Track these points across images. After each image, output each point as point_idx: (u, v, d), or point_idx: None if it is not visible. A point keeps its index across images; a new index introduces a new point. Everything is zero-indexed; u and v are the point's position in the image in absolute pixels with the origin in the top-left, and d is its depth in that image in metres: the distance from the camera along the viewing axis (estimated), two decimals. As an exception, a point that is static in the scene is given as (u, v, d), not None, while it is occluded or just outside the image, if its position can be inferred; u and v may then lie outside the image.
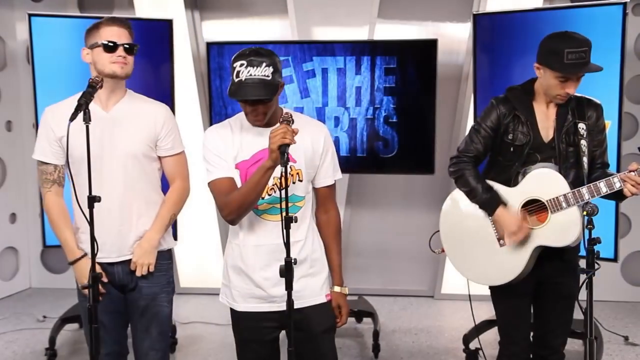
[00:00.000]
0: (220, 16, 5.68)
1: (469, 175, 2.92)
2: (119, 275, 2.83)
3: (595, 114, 2.88)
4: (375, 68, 4.53)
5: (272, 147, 2.37)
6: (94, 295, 2.49)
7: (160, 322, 2.88)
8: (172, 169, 2.92)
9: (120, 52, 2.73)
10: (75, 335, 4.80)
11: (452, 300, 5.54)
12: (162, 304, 2.87)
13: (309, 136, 2.62)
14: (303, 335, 2.62)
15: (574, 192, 2.72)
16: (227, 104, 4.72)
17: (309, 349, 2.65)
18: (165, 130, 2.85)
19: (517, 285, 2.87)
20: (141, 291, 2.84)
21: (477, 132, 2.95)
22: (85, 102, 2.44)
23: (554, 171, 2.81)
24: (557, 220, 2.76)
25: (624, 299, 5.46)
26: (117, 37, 2.74)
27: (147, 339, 2.86)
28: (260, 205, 2.61)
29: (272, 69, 2.45)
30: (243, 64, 2.45)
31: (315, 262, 2.70)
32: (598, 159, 2.92)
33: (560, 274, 2.90)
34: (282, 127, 2.39)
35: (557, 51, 2.69)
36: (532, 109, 2.87)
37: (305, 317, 2.63)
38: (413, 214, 5.66)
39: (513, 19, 4.33)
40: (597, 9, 4.03)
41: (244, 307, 2.69)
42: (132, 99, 2.87)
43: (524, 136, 2.85)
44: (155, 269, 2.84)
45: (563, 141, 2.84)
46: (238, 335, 2.75)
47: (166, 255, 2.93)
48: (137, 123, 2.80)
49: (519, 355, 2.97)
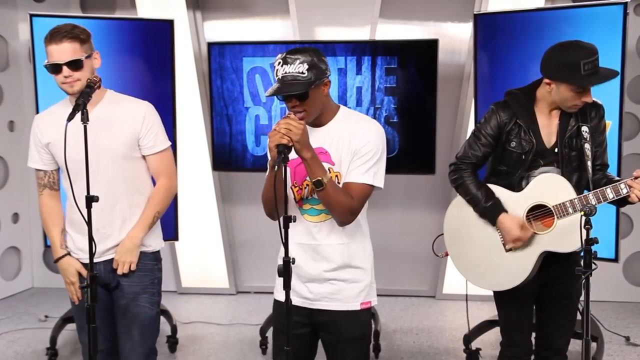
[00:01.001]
0: (222, 16, 5.68)
1: (470, 182, 2.91)
2: (101, 274, 2.81)
3: (597, 114, 2.87)
4: (376, 68, 4.53)
5: (271, 146, 2.37)
6: (92, 295, 2.50)
7: (141, 324, 2.85)
8: (156, 167, 2.89)
9: (65, 72, 2.67)
10: (76, 335, 4.78)
11: (454, 300, 5.54)
12: (144, 305, 2.86)
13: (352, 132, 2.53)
14: (331, 339, 2.62)
15: (581, 198, 2.71)
16: (228, 104, 4.72)
17: (335, 354, 2.65)
18: (145, 129, 2.81)
19: (521, 289, 2.86)
20: (122, 290, 2.85)
21: (477, 138, 2.93)
22: (83, 102, 2.45)
23: (560, 176, 2.79)
24: (563, 225, 2.75)
25: (625, 300, 5.46)
26: (57, 56, 2.66)
27: (129, 341, 2.85)
28: (304, 205, 2.60)
29: (308, 65, 2.44)
30: (280, 62, 2.47)
31: (355, 268, 2.62)
32: (598, 160, 2.91)
33: (565, 275, 2.88)
34: (282, 122, 2.37)
35: (573, 64, 2.64)
36: (533, 115, 2.84)
37: (334, 321, 2.60)
38: (414, 214, 5.66)
39: (514, 18, 4.32)
40: (598, 9, 4.02)
41: (279, 296, 2.66)
42: (112, 101, 2.84)
43: (526, 143, 2.83)
44: (138, 268, 2.83)
45: (566, 146, 2.82)
46: (274, 323, 2.78)
47: (151, 256, 2.91)
48: (116, 125, 2.78)
49: (521, 357, 2.97)
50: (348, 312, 2.61)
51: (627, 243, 5.23)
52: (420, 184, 5.55)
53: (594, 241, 2.38)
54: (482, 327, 4.49)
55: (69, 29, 2.67)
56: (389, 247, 5.76)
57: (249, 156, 4.78)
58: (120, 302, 2.85)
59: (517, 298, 2.93)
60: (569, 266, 2.89)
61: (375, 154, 2.54)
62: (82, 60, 2.67)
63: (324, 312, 2.61)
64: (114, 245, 2.82)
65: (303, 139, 2.38)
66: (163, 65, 4.66)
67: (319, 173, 2.42)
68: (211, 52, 4.71)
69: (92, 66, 2.74)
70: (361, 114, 2.74)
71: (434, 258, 5.79)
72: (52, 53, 2.65)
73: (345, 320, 2.61)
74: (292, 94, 2.43)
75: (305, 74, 2.43)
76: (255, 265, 5.92)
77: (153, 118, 2.86)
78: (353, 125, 2.55)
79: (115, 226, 2.80)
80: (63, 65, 2.65)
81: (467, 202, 2.94)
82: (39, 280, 6.18)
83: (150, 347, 2.91)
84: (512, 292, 2.89)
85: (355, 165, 2.53)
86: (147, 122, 2.82)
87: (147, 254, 2.89)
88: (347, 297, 2.61)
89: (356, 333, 2.64)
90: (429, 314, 5.36)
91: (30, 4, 5.79)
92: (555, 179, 2.79)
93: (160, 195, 2.88)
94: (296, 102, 2.46)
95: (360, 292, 2.63)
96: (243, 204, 5.81)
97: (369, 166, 2.53)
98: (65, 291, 2.95)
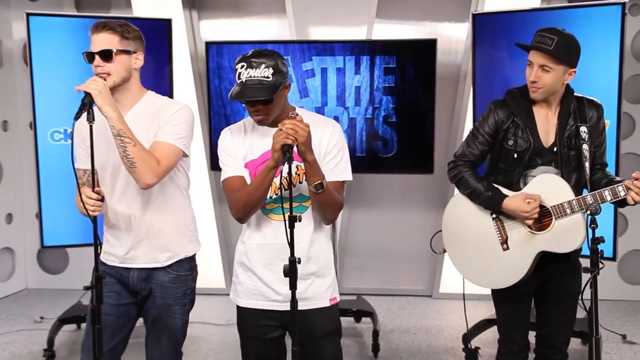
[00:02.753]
0: (218, 16, 5.67)
1: (469, 177, 2.92)
2: (133, 281, 2.76)
3: (597, 114, 2.88)
4: (375, 68, 4.53)
5: (275, 147, 2.39)
6: (98, 296, 2.47)
7: (171, 334, 2.81)
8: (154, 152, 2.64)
9: (96, 62, 2.62)
10: (73, 336, 4.79)
11: (450, 299, 5.55)
12: (175, 316, 2.79)
13: (318, 135, 2.60)
14: (305, 337, 2.61)
15: (579, 199, 2.72)
16: (226, 104, 4.71)
17: (311, 351, 2.66)
18: (164, 121, 2.67)
19: (518, 286, 2.87)
20: (154, 301, 2.77)
21: (475, 137, 2.95)
22: (89, 102, 2.42)
23: (558, 177, 2.80)
24: (561, 226, 2.76)
25: (621, 298, 5.49)
26: (93, 45, 2.62)
27: (158, 349, 2.82)
28: (268, 205, 2.61)
29: (273, 69, 2.46)
30: (243, 66, 2.48)
31: (321, 264, 2.67)
32: (597, 160, 2.92)
33: (564, 273, 2.91)
34: (288, 122, 2.38)
35: None
36: (531, 114, 2.86)
37: (307, 319, 2.61)
38: (411, 214, 5.67)
39: (512, 18, 4.33)
40: (596, 9, 4.04)
41: (246, 303, 2.69)
42: (148, 101, 2.75)
43: (524, 142, 2.84)
44: (172, 279, 2.76)
45: (565, 145, 2.83)
46: (241, 331, 2.76)
47: (187, 266, 2.81)
48: (147, 126, 2.67)
49: (519, 355, 2.98)
50: (320, 309, 2.66)
51: (622, 242, 5.25)
52: (416, 184, 5.56)
53: (600, 240, 2.39)
54: (480, 326, 4.50)
55: (114, 23, 2.66)
56: (386, 246, 5.78)
57: (247, 156, 4.76)
58: (151, 312, 2.79)
59: (515, 296, 2.94)
60: (568, 264, 2.91)
61: (343, 151, 2.66)
62: (113, 51, 2.60)
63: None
64: (146, 252, 2.73)
65: (308, 142, 2.42)
66: (160, 65, 4.64)
67: (320, 176, 2.48)
68: (209, 52, 4.69)
69: (129, 64, 2.67)
70: (314, 113, 2.82)
71: (430, 257, 5.85)
72: (92, 42, 2.63)
73: (317, 317, 2.65)
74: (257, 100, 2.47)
75: (270, 78, 2.47)
76: (252, 265, 5.91)
77: (185, 117, 2.71)
78: (317, 127, 2.61)
79: (146, 230, 2.72)
80: (95, 54, 2.61)
81: (468, 197, 2.95)
82: (32, 281, 6.13)
83: (178, 352, 2.89)
84: (509, 289, 2.90)
85: (330, 166, 2.61)
86: (175, 115, 2.68)
87: (182, 263, 2.79)
88: (317, 294, 2.66)
89: (330, 328, 2.69)
90: (426, 313, 5.37)
91: (24, 3, 5.74)
92: (554, 179, 2.80)
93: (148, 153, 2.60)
94: (260, 106, 2.51)
95: (328, 287, 2.69)
96: (239, 204, 5.79)
97: (343, 164, 2.65)
98: (60, 292, 2.88)
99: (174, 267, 2.77)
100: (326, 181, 2.50)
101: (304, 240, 2.60)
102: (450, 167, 3.00)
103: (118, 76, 2.64)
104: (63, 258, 6.01)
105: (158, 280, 2.77)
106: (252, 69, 2.46)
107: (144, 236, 2.73)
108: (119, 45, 2.63)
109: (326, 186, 2.49)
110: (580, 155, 2.82)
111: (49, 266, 6.10)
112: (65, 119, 4.40)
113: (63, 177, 4.39)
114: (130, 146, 2.52)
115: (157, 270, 2.76)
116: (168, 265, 2.77)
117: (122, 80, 2.67)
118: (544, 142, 2.86)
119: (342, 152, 2.64)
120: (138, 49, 2.73)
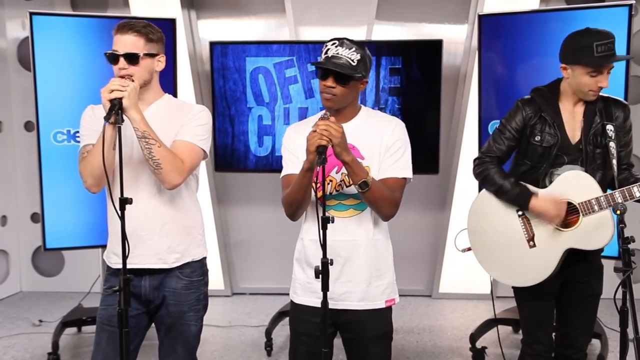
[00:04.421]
0: (217, 15, 5.64)
1: (494, 173, 2.92)
2: (145, 290, 2.71)
3: (623, 114, 2.88)
4: (381, 68, 4.54)
5: (310, 148, 2.35)
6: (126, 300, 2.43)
7: (186, 341, 2.75)
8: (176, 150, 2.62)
9: (121, 64, 2.57)
10: (74, 340, 4.72)
11: (450, 299, 5.58)
12: (190, 323, 2.74)
13: (380, 131, 2.57)
14: (354, 338, 2.60)
15: (607, 196, 2.72)
16: (230, 104, 4.68)
17: (358, 353, 2.63)
18: (187, 120, 2.65)
19: (543, 285, 2.88)
20: (168, 308, 2.71)
21: (502, 133, 2.95)
22: (119, 103, 2.38)
23: (585, 174, 2.81)
24: (588, 223, 2.77)
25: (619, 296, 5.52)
26: (118, 46, 2.57)
27: (172, 355, 2.77)
28: (328, 201, 2.56)
29: (360, 58, 2.48)
30: (335, 44, 2.50)
31: (379, 265, 2.63)
32: (624, 160, 2.92)
33: (586, 273, 2.93)
34: (322, 123, 2.35)
35: (587, 46, 2.70)
36: (558, 110, 2.87)
37: (358, 320, 2.59)
38: (410, 214, 5.66)
39: (518, 20, 4.36)
40: (603, 10, 4.08)
41: (301, 300, 2.66)
42: (167, 102, 2.73)
43: (551, 137, 2.84)
44: (185, 286, 2.72)
45: (590, 143, 2.83)
46: (292, 327, 2.73)
47: (199, 271, 2.77)
48: (166, 126, 2.65)
49: (543, 355, 2.98)
50: (373, 311, 2.60)
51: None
52: (416, 183, 5.52)
53: (630, 240, 2.41)
54: (486, 325, 4.52)
55: (140, 24, 2.61)
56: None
57: (252, 157, 4.75)
58: (165, 320, 2.73)
59: (539, 295, 2.95)
60: (589, 265, 2.93)
61: (405, 149, 2.61)
62: (140, 55, 2.57)
63: (349, 312, 2.59)
64: (154, 251, 2.68)
65: (343, 142, 2.38)
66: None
67: (362, 174, 2.43)
68: (213, 52, 4.66)
69: (152, 67, 2.64)
70: (378, 111, 2.80)
71: (430, 257, 5.87)
72: (116, 42, 2.58)
73: (369, 319, 2.60)
74: (336, 71, 2.45)
75: (355, 63, 2.48)
76: (251, 266, 5.89)
77: (206, 119, 2.71)
78: (380, 123, 2.60)
79: (155, 229, 2.68)
80: (120, 56, 2.57)
81: (494, 193, 2.94)
82: (27, 284, 6.04)
83: (193, 357, 2.84)
84: (534, 288, 2.91)
85: (390, 161, 2.57)
86: (198, 116, 2.67)
87: (194, 267, 2.75)
88: (372, 296, 2.61)
89: (380, 331, 2.63)
90: (428, 313, 5.39)
91: (19, 3, 5.66)
92: (580, 176, 2.81)
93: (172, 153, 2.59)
94: (334, 82, 2.48)
95: (384, 289, 2.63)
96: (238, 205, 5.77)
97: (404, 161, 2.60)
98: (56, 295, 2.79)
99: (185, 273, 2.73)
100: (372, 178, 2.45)
101: (362, 238, 2.58)
102: (476, 164, 3.00)
103: (141, 79, 2.61)
104: (58, 260, 5.94)
105: (171, 287, 2.72)
106: (342, 48, 2.48)
107: (155, 234, 2.68)
108: (144, 48, 2.59)
109: (371, 184, 2.43)
110: (605, 153, 2.83)
111: (43, 269, 6.02)
112: (68, 120, 4.36)
113: (66, 179, 4.34)
114: (155, 147, 2.50)
115: (169, 277, 2.71)
116: (180, 272, 2.72)
117: (144, 83, 2.64)
118: (570, 138, 2.86)
119: (403, 148, 2.59)
120: (160, 51, 2.69)
